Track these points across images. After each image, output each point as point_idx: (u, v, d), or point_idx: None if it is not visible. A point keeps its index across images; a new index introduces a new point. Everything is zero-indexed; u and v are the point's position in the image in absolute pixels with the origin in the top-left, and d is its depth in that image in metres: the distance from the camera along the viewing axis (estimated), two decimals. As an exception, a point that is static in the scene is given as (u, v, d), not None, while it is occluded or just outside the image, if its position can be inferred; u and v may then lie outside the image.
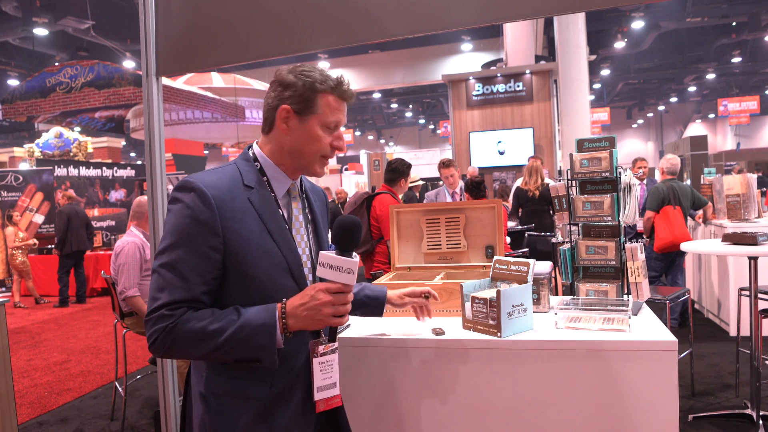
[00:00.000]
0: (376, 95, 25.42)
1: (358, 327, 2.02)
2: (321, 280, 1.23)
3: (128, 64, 15.10)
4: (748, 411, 3.18)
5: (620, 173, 2.26)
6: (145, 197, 3.41)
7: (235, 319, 1.20)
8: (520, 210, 6.08)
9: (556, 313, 1.89)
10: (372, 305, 1.74)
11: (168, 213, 1.26)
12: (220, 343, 1.18)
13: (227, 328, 1.18)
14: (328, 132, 1.34)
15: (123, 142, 19.77)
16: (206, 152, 19.38)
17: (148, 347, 1.22)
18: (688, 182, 10.37)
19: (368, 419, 1.88)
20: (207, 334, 1.18)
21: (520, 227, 5.88)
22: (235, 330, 1.18)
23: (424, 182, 9.77)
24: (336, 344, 1.34)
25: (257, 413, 1.27)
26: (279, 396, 1.29)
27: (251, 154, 1.37)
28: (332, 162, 24.32)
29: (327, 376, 1.32)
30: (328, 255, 1.20)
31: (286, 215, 1.35)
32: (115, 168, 12.41)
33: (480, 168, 10.23)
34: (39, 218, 10.49)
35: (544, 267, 2.16)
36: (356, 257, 1.22)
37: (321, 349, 1.30)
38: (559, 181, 2.44)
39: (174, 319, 1.19)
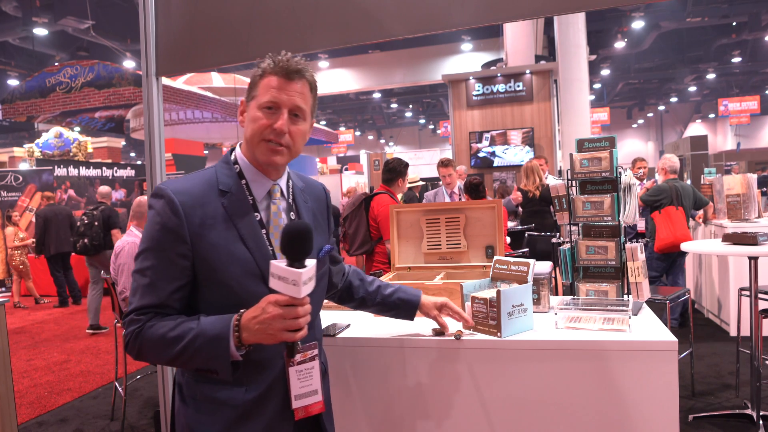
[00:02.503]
0: (376, 95, 25.41)
1: (358, 327, 2.01)
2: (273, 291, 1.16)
3: (128, 64, 15.09)
4: (748, 411, 3.18)
5: (620, 173, 2.26)
6: (145, 197, 3.41)
7: (193, 327, 1.18)
8: (521, 210, 6.08)
9: (556, 313, 1.89)
10: (404, 308, 1.71)
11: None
12: (178, 351, 1.17)
13: (185, 336, 1.17)
14: (265, 113, 1.25)
15: (123, 142, 19.77)
16: (206, 152, 19.38)
17: (124, 348, 1.25)
18: (689, 182, 10.38)
19: (368, 419, 1.88)
20: (167, 342, 1.18)
21: (520, 227, 5.88)
22: (190, 339, 1.16)
23: (424, 182, 9.76)
24: (315, 351, 1.29)
25: (233, 419, 1.25)
26: (254, 403, 1.26)
27: (233, 157, 1.33)
28: (332, 162, 24.34)
29: (306, 384, 1.27)
30: (277, 265, 1.12)
31: (264, 219, 1.30)
32: (115, 168, 12.42)
33: (479, 168, 10.23)
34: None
35: (544, 267, 2.16)
36: (308, 266, 1.13)
37: (298, 357, 1.25)
38: (559, 180, 2.44)
39: (141, 324, 1.20)
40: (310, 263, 1.14)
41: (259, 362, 1.25)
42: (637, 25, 16.36)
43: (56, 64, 11.83)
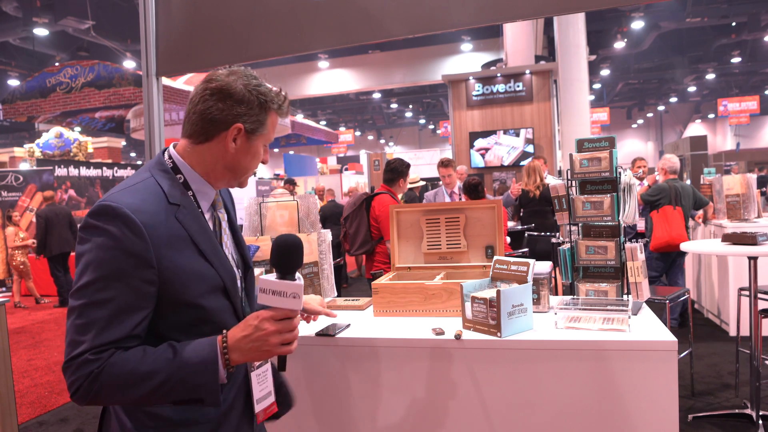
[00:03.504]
0: (376, 95, 25.41)
1: (357, 327, 2.02)
2: (264, 307, 1.12)
3: (128, 64, 15.09)
4: (748, 411, 3.18)
5: (620, 173, 2.26)
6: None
7: (170, 357, 1.07)
8: (522, 211, 6.08)
9: (556, 313, 1.89)
10: None
11: (84, 243, 1.08)
12: (155, 386, 1.06)
13: (161, 370, 1.06)
14: (262, 150, 1.28)
15: (123, 142, 19.78)
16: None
17: (70, 397, 1.08)
18: (688, 182, 10.38)
19: (368, 419, 1.88)
20: (139, 377, 1.05)
21: (520, 227, 5.88)
22: (172, 371, 1.06)
23: (424, 182, 9.77)
24: None
25: None
26: (224, 417, 1.22)
27: (169, 164, 1.22)
28: (332, 162, 24.35)
29: (263, 386, 1.27)
30: (269, 280, 1.09)
31: (215, 229, 1.27)
32: (116, 168, 12.42)
33: (479, 168, 10.24)
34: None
35: (544, 267, 2.17)
36: (300, 279, 1.12)
37: (257, 361, 1.23)
38: (559, 180, 2.44)
39: (100, 363, 1.04)
40: (299, 275, 1.14)
41: (229, 378, 1.21)
42: (637, 25, 16.36)
43: (56, 64, 11.84)
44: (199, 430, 1.19)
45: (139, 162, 23.20)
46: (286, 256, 1.12)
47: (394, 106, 29.09)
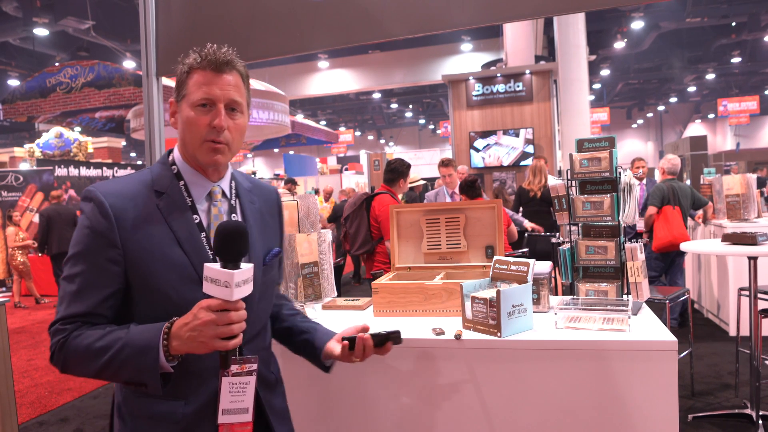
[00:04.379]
0: (376, 95, 25.41)
1: (358, 327, 2.02)
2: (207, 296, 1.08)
3: (128, 64, 15.09)
4: (748, 411, 3.18)
5: (620, 173, 2.26)
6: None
7: (121, 337, 1.10)
8: (521, 210, 6.08)
9: (556, 313, 1.89)
10: (310, 353, 1.42)
11: None
12: (104, 363, 1.09)
13: (111, 346, 1.09)
14: (201, 112, 1.17)
15: (123, 142, 19.77)
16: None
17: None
18: (688, 182, 10.38)
19: (368, 419, 1.89)
20: (92, 353, 1.10)
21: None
22: (117, 350, 1.08)
23: (424, 182, 9.76)
24: (254, 366, 1.18)
25: None
26: (195, 416, 1.18)
27: (170, 158, 1.26)
28: (332, 162, 24.35)
29: (237, 399, 1.16)
30: (210, 267, 1.05)
31: (205, 221, 1.22)
32: (116, 168, 12.42)
33: (479, 168, 10.23)
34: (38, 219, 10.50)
35: (544, 267, 2.17)
36: (243, 268, 1.06)
37: (234, 368, 1.15)
38: (559, 180, 2.44)
39: (66, 333, 1.13)
40: (246, 266, 1.07)
41: (198, 373, 1.18)
42: (637, 25, 16.35)
43: (56, 64, 11.84)
44: (169, 428, 1.17)
45: (139, 162, 23.20)
46: (225, 242, 1.06)
47: (394, 106, 29.08)
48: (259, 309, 1.28)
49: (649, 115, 33.81)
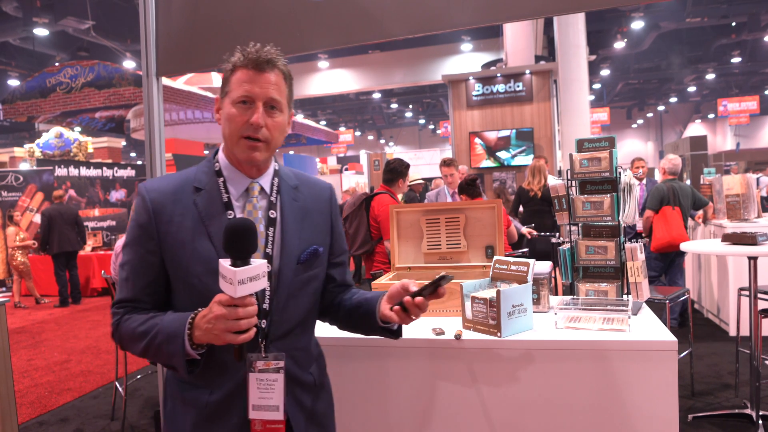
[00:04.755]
0: (376, 95, 25.41)
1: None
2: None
3: (128, 64, 15.09)
4: (748, 411, 3.18)
5: (620, 173, 2.26)
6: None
7: (157, 323, 1.19)
8: (522, 209, 6.08)
9: (556, 313, 1.89)
10: (373, 327, 1.35)
11: None
12: (144, 346, 1.20)
13: (150, 332, 1.19)
14: (241, 109, 1.21)
15: (123, 142, 19.76)
16: (206, 152, 19.38)
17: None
18: (688, 182, 10.38)
19: (367, 419, 1.88)
20: (136, 336, 1.21)
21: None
22: (153, 335, 1.18)
23: (424, 182, 9.76)
24: (281, 363, 1.20)
25: (198, 420, 1.23)
26: (218, 405, 1.22)
27: (216, 156, 1.32)
28: (332, 162, 24.33)
29: (266, 395, 1.19)
30: (221, 263, 1.08)
31: (239, 217, 1.24)
32: (116, 168, 12.42)
33: (480, 168, 10.23)
34: (39, 218, 10.50)
35: (544, 267, 2.17)
36: (251, 265, 1.07)
37: (259, 364, 1.19)
38: (559, 180, 2.44)
39: (119, 317, 1.25)
40: (257, 262, 1.09)
41: (220, 364, 1.21)
42: (637, 25, 16.35)
43: (56, 64, 11.83)
44: (194, 413, 1.24)
45: (139, 162, 23.18)
46: (231, 240, 1.09)
47: (394, 106, 29.08)
48: (290, 307, 1.27)
49: (649, 115, 33.81)
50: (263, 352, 1.21)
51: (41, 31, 13.34)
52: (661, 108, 31.76)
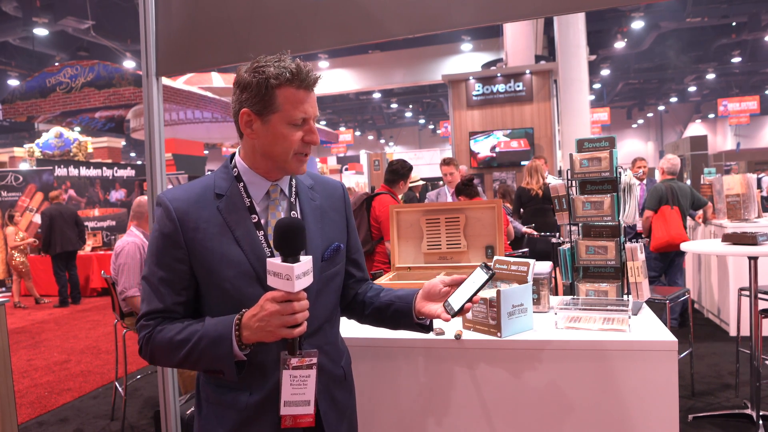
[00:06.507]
0: (376, 95, 25.40)
1: (357, 327, 2.01)
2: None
3: (128, 64, 15.09)
4: (748, 411, 3.18)
5: (620, 173, 2.26)
6: (146, 197, 3.41)
7: (198, 330, 1.20)
8: (522, 209, 6.08)
9: (556, 313, 1.89)
10: (407, 322, 1.40)
11: None
12: (185, 354, 1.20)
13: (190, 339, 1.20)
14: (295, 129, 1.23)
15: (123, 142, 19.77)
16: (206, 152, 19.38)
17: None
18: (688, 182, 10.38)
19: (367, 419, 1.88)
20: (174, 345, 1.21)
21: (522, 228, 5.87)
22: (195, 341, 1.19)
23: (424, 182, 9.76)
24: (314, 359, 1.22)
25: (237, 423, 1.25)
26: (258, 407, 1.25)
27: (232, 162, 1.33)
28: (332, 162, 24.33)
29: (298, 391, 1.21)
30: (272, 261, 1.14)
31: (263, 220, 1.29)
32: (116, 168, 12.42)
33: (480, 168, 10.23)
34: (39, 218, 10.50)
35: (544, 267, 2.16)
36: (302, 261, 1.13)
37: (294, 361, 1.21)
38: (559, 180, 2.44)
39: (150, 329, 1.24)
40: (305, 258, 1.15)
41: (262, 365, 1.25)
42: (637, 25, 16.35)
43: (56, 64, 11.82)
44: (233, 415, 1.25)
45: (139, 162, 23.17)
46: (284, 238, 1.14)
47: (394, 106, 29.08)
48: (318, 304, 1.30)
49: (650, 115, 33.81)
50: (299, 349, 1.23)
51: (41, 31, 13.34)
52: (661, 108, 31.76)
